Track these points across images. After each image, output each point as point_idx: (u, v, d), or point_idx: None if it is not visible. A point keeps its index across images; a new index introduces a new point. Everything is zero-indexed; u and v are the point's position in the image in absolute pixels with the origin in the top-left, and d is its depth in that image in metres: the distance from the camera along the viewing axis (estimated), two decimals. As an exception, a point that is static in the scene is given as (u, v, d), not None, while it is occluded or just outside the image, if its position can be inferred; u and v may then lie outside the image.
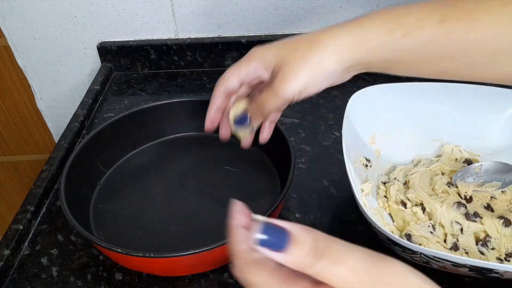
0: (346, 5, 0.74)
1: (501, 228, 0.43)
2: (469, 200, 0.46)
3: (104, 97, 0.73)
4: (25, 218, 0.48)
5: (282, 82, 0.33)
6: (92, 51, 0.78)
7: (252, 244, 0.21)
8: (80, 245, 0.47)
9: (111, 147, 0.54)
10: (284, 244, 0.20)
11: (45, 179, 0.53)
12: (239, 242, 0.22)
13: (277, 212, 0.45)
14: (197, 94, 0.73)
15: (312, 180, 0.54)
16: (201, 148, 0.58)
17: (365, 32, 0.31)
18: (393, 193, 0.47)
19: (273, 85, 0.33)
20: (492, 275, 0.35)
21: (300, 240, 0.20)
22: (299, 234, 0.20)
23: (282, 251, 0.20)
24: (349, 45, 0.31)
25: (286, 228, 0.21)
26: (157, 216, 0.48)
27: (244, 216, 0.23)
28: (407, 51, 0.31)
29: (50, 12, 0.73)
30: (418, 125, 0.52)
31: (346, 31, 0.31)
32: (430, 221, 0.44)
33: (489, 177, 0.47)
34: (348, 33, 0.31)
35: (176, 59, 0.78)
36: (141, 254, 0.37)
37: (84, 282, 0.43)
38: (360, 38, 0.31)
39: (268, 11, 0.75)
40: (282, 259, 0.20)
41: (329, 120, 0.64)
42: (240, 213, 0.23)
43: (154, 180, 0.53)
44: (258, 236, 0.21)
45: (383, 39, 0.30)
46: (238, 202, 0.24)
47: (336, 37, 0.31)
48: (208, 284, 0.42)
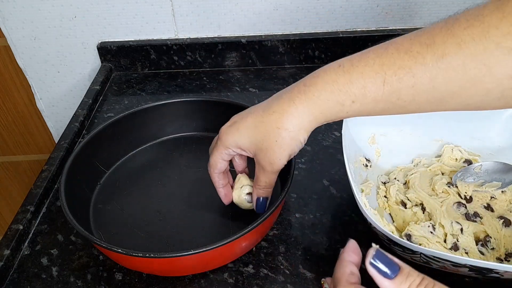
0: (346, 5, 0.74)
1: (501, 228, 0.43)
2: (469, 200, 0.46)
3: (104, 97, 0.73)
4: (25, 218, 0.48)
5: (272, 165, 0.39)
6: (92, 51, 0.78)
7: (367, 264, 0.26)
8: (80, 245, 0.47)
9: (111, 147, 0.54)
10: (394, 274, 0.26)
11: (45, 179, 0.53)
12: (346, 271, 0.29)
13: (277, 212, 0.45)
14: (197, 94, 0.73)
15: (312, 180, 0.54)
16: (201, 148, 0.58)
17: (319, 106, 0.35)
18: (393, 193, 0.47)
19: (265, 168, 0.39)
20: (492, 275, 0.35)
21: (408, 274, 0.26)
22: (408, 269, 0.26)
23: (390, 279, 0.26)
24: (309, 121, 0.36)
25: (397, 262, 0.26)
26: (157, 216, 0.48)
27: (356, 254, 0.30)
28: (361, 112, 0.34)
29: (50, 12, 0.73)
30: (418, 125, 0.52)
31: (302, 109, 0.35)
32: (430, 221, 0.44)
33: (489, 177, 0.47)
34: (305, 111, 0.35)
35: (176, 59, 0.78)
36: (141, 254, 0.37)
37: (84, 282, 0.43)
38: (317, 112, 0.35)
39: (268, 11, 0.75)
40: (388, 285, 0.26)
41: (329, 120, 0.64)
42: (353, 251, 0.30)
43: (154, 180, 0.53)
44: (372, 260, 0.26)
45: (337, 109, 0.34)
46: (354, 241, 0.31)
47: (297, 118, 0.36)
48: (208, 284, 0.42)
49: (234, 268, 0.43)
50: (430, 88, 0.30)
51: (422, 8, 0.75)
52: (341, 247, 0.45)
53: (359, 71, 0.32)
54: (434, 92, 0.31)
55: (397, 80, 0.31)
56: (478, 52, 0.28)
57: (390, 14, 0.76)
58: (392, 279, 0.26)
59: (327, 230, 0.47)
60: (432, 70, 0.30)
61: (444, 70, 0.29)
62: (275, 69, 0.79)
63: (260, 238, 0.45)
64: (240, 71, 0.79)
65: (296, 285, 0.42)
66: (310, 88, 0.35)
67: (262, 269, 0.43)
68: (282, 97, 0.37)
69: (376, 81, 0.32)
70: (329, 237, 0.46)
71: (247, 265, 0.44)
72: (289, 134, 0.36)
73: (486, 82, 0.29)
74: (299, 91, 0.35)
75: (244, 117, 0.39)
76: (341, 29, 0.77)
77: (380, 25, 0.77)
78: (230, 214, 0.48)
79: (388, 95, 0.32)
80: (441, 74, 0.29)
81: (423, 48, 0.30)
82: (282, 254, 0.45)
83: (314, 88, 0.34)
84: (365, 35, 0.76)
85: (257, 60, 0.79)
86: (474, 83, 0.29)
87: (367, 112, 0.34)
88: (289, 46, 0.77)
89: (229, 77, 0.77)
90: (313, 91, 0.34)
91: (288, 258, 0.44)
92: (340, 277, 0.29)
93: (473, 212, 0.44)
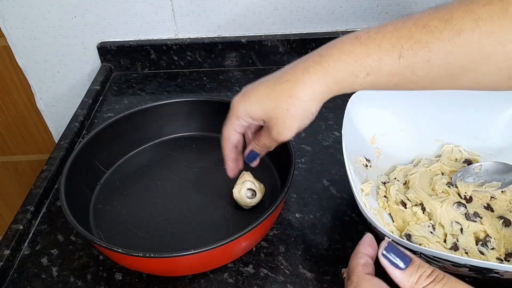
0: (346, 5, 0.74)
1: (501, 228, 0.43)
2: (469, 200, 0.46)
3: (104, 97, 0.73)
4: (25, 218, 0.48)
5: (279, 135, 0.38)
6: (92, 51, 0.78)
7: (380, 255, 0.28)
8: (80, 245, 0.47)
9: (111, 147, 0.54)
10: (405, 265, 0.27)
11: (45, 179, 0.53)
12: (360, 262, 0.29)
13: (277, 212, 0.45)
14: (197, 94, 0.73)
15: (312, 180, 0.54)
16: (201, 148, 0.58)
17: (333, 76, 0.34)
18: (393, 193, 0.47)
19: (272, 135, 0.38)
20: (492, 275, 0.35)
21: (419, 265, 0.27)
22: (418, 261, 0.28)
23: (402, 269, 0.27)
24: (322, 91, 0.35)
25: (409, 254, 0.28)
26: (157, 216, 0.48)
27: (371, 248, 0.31)
28: (374, 85, 0.34)
29: (50, 12, 0.73)
30: (418, 125, 0.52)
31: (316, 79, 0.35)
32: (430, 221, 0.44)
33: (489, 177, 0.47)
34: (319, 81, 0.35)
35: (176, 59, 0.78)
36: (141, 254, 0.37)
37: (84, 282, 0.43)
38: (331, 82, 0.34)
39: (268, 11, 0.74)
40: (399, 275, 0.27)
41: (329, 120, 0.65)
42: (369, 244, 0.31)
43: (154, 180, 0.53)
44: (384, 251, 0.28)
45: (351, 80, 0.34)
46: (370, 235, 0.32)
47: (310, 87, 0.35)
48: (208, 284, 0.42)
49: (234, 268, 0.43)
50: (444, 63, 0.31)
51: (422, 7, 0.75)
52: (341, 247, 0.45)
53: (376, 43, 0.32)
54: (448, 67, 0.31)
55: (413, 54, 0.31)
56: (494, 30, 0.28)
57: (390, 14, 0.76)
58: (403, 269, 0.27)
59: (327, 230, 0.47)
60: (447, 45, 0.30)
61: (460, 46, 0.29)
62: (275, 69, 0.77)
63: (260, 238, 0.45)
64: (240, 71, 0.79)
65: (296, 285, 0.42)
66: (325, 58, 0.34)
67: (262, 269, 0.43)
68: (296, 66, 0.36)
69: (392, 54, 0.31)
70: (329, 237, 0.46)
71: (247, 265, 0.44)
72: (301, 104, 0.35)
73: (499, 60, 0.29)
74: (314, 61, 0.35)
75: (256, 87, 0.39)
76: (341, 29, 0.77)
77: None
78: (230, 214, 0.48)
79: (403, 69, 0.32)
80: (456, 49, 0.30)
81: (441, 23, 0.30)
82: (282, 254, 0.45)
83: (330, 58, 0.34)
84: (365, 35, 0.76)
85: (257, 60, 0.79)
86: (488, 60, 0.29)
87: (380, 85, 0.34)
88: (289, 46, 0.77)
89: (229, 77, 0.77)
90: (328, 61, 0.34)
91: (288, 258, 0.44)
92: (355, 267, 0.30)
93: (473, 212, 0.44)
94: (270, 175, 0.53)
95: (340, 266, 0.43)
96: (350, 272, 0.30)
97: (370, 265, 0.30)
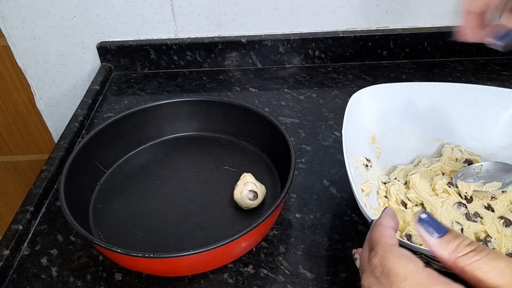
0: (346, 5, 0.74)
1: (502, 228, 0.43)
2: (469, 200, 0.46)
3: (103, 97, 0.73)
4: (24, 218, 0.48)
5: None
6: (92, 51, 0.78)
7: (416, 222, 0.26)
8: (80, 245, 0.47)
9: (111, 147, 0.54)
10: (443, 232, 0.25)
11: (45, 179, 0.53)
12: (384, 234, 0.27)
13: (277, 212, 0.45)
14: (197, 94, 0.73)
15: (312, 180, 0.54)
16: (201, 148, 0.58)
17: None
18: (394, 193, 0.47)
19: None
20: (493, 275, 0.35)
21: (457, 235, 0.25)
22: (456, 232, 0.25)
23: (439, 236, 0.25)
24: None
25: (446, 225, 0.26)
26: (157, 216, 0.48)
27: (393, 220, 0.28)
28: None
29: (50, 12, 0.73)
30: (418, 125, 0.52)
31: None
32: (430, 221, 0.44)
33: (489, 177, 0.47)
34: None
35: (176, 59, 0.78)
36: (141, 254, 0.37)
37: (84, 282, 0.43)
38: None
39: (268, 11, 0.74)
40: (436, 243, 0.25)
41: (329, 120, 0.64)
42: (391, 216, 0.29)
43: (154, 180, 0.53)
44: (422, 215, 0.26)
45: None
46: (391, 209, 0.29)
47: None
48: (208, 285, 0.42)
49: (234, 269, 0.43)
50: None
51: (422, 7, 0.75)
52: (341, 247, 0.45)
53: None
54: None
55: None
56: None
57: (391, 14, 0.76)
58: (441, 235, 0.25)
59: (327, 230, 0.47)
60: None
61: None
62: (275, 68, 0.79)
63: (260, 238, 0.45)
64: (240, 71, 0.79)
65: (296, 285, 0.42)
66: None
67: (262, 269, 0.43)
68: None
69: None
70: (329, 237, 0.46)
71: (247, 265, 0.44)
72: None
73: None
74: None
75: None
76: (341, 29, 0.77)
77: (380, 24, 0.77)
78: (230, 214, 0.48)
79: None
80: None
81: None
82: (282, 254, 0.45)
83: None
84: (365, 35, 0.76)
85: (257, 60, 0.79)
86: None
87: None
88: (289, 46, 0.77)
89: (229, 77, 0.77)
90: None
91: (288, 258, 0.44)
92: (379, 237, 0.27)
93: (473, 212, 0.44)
94: (270, 175, 0.53)
95: (340, 266, 0.43)
96: (373, 244, 0.27)
97: (394, 237, 0.28)
